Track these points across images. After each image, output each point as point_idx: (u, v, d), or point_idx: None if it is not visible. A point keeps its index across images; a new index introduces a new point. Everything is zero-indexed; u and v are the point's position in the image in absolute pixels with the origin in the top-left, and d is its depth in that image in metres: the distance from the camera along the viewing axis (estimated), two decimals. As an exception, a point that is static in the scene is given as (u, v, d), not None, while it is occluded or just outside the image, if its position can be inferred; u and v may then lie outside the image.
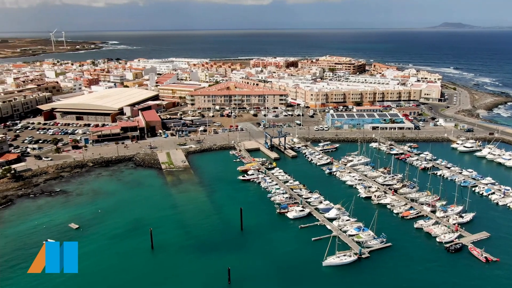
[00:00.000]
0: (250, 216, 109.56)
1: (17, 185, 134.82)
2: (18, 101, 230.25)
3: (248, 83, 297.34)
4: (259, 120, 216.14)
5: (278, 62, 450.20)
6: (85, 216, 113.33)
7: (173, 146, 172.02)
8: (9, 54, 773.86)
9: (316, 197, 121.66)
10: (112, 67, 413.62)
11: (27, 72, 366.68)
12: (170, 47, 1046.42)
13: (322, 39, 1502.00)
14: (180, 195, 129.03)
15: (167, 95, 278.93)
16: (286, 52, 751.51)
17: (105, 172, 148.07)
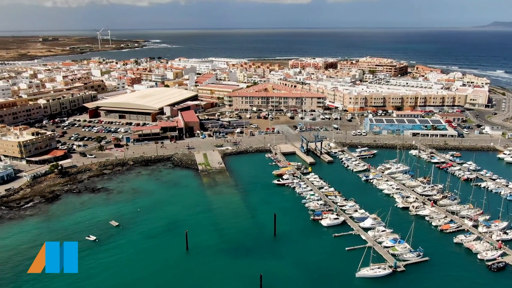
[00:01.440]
0: (284, 222, 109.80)
1: (63, 181, 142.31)
2: (66, 98, 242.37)
3: (286, 84, 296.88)
4: (296, 123, 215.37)
5: (317, 63, 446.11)
6: (124, 214, 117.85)
7: (210, 147, 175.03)
8: (59, 52, 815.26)
9: (352, 205, 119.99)
10: (154, 66, 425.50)
11: (75, 71, 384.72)
12: (209, 46, 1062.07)
13: (362, 39, 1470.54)
14: (215, 196, 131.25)
15: (206, 95, 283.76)
16: (325, 53, 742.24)
17: (145, 171, 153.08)
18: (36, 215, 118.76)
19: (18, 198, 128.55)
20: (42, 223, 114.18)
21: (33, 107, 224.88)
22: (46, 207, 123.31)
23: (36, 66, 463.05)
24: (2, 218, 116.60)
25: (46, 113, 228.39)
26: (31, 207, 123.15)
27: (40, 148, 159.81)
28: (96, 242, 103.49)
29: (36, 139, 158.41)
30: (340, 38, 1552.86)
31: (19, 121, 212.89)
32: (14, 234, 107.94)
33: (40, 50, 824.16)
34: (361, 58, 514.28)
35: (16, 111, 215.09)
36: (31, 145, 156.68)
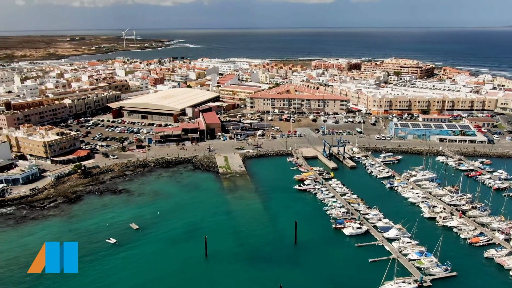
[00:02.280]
0: (305, 229, 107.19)
1: (85, 181, 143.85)
2: (90, 98, 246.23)
3: (308, 86, 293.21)
4: (318, 126, 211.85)
5: (340, 64, 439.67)
6: (145, 217, 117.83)
7: (231, 150, 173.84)
8: (86, 51, 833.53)
9: (375, 214, 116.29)
10: (177, 67, 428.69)
11: (100, 70, 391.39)
12: (231, 46, 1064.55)
13: (387, 39, 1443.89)
14: (235, 201, 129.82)
15: (228, 96, 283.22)
16: (348, 53, 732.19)
17: (165, 173, 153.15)
18: (58, 215, 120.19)
19: (42, 198, 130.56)
20: (64, 224, 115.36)
21: (59, 107, 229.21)
22: (69, 208, 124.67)
23: (63, 65, 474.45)
24: (25, 217, 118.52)
25: (71, 113, 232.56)
26: (54, 207, 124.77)
27: (64, 148, 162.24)
28: (116, 245, 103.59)
29: (60, 139, 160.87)
30: (364, 38, 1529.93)
31: (46, 120, 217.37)
32: (36, 234, 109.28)
33: (67, 50, 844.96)
34: (385, 59, 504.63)
35: (43, 111, 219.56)
36: (56, 145, 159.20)
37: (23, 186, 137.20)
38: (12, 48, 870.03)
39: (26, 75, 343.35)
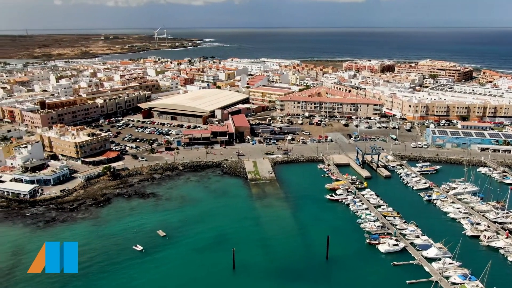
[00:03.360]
0: (337, 243, 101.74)
1: (114, 184, 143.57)
2: (121, 98, 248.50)
3: (340, 89, 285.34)
4: (350, 131, 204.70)
5: (373, 65, 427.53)
6: (172, 224, 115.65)
7: (260, 155, 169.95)
8: (119, 50, 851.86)
9: (413, 230, 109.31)
10: (207, 67, 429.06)
11: (132, 70, 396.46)
12: (260, 46, 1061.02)
13: (419, 39, 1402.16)
14: (264, 209, 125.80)
15: (257, 98, 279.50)
16: (380, 54, 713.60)
17: (194, 177, 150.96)
18: (87, 218, 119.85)
19: (71, 200, 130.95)
20: (92, 228, 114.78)
21: (91, 107, 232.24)
22: (97, 211, 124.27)
23: (97, 64, 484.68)
24: (55, 220, 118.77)
25: (102, 113, 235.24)
26: (83, 210, 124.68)
27: (94, 149, 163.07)
28: (143, 252, 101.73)
29: (91, 140, 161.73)
30: (396, 39, 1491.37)
31: (78, 120, 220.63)
32: (65, 237, 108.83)
33: (101, 48, 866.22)
34: (419, 60, 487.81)
35: (75, 110, 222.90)
36: (87, 146, 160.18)
37: (54, 187, 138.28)
38: (50, 46, 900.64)
39: (61, 74, 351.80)
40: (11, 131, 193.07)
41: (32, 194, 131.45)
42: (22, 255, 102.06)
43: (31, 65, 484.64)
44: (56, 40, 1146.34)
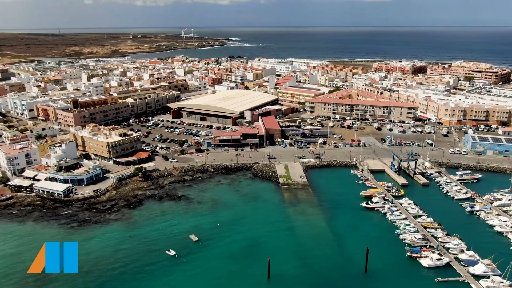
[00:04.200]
0: (375, 255, 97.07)
1: (146, 185, 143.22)
2: (151, 98, 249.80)
3: (371, 91, 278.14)
4: (384, 135, 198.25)
5: (404, 67, 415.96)
6: (204, 228, 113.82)
7: (291, 158, 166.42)
8: (147, 49, 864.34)
9: (456, 244, 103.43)
10: (234, 67, 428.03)
11: (161, 69, 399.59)
12: (287, 46, 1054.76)
13: (450, 39, 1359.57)
14: (297, 216, 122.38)
15: (286, 99, 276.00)
16: (410, 54, 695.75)
17: (224, 180, 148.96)
18: (120, 220, 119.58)
19: (104, 201, 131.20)
20: (124, 229, 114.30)
21: (122, 106, 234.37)
22: (130, 213, 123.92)
23: (126, 63, 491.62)
24: (88, 220, 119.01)
25: (133, 112, 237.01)
26: (116, 211, 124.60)
27: (126, 149, 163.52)
28: (176, 257, 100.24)
29: (123, 140, 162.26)
30: (425, 38, 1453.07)
31: (109, 119, 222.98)
32: (98, 239, 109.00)
33: (130, 47, 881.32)
34: (452, 61, 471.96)
35: (107, 109, 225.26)
36: (119, 146, 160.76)
37: (87, 187, 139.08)
38: (81, 45, 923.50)
39: (93, 73, 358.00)
40: (45, 129, 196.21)
41: (66, 194, 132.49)
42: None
43: (63, 63, 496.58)
44: (87, 39, 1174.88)
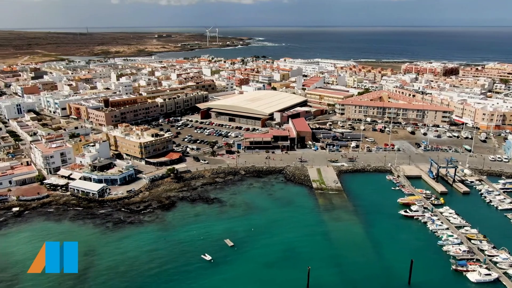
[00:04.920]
0: (417, 266, 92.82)
1: (178, 186, 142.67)
2: (180, 98, 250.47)
3: (403, 93, 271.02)
4: (418, 140, 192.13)
5: (435, 68, 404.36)
6: (238, 233, 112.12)
7: (324, 162, 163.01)
8: (172, 48, 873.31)
9: (505, 258, 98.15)
10: (261, 67, 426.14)
11: (188, 69, 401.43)
12: (311, 46, 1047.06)
13: (479, 39, 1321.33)
14: (333, 223, 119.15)
15: (314, 101, 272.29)
16: (438, 55, 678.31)
17: (256, 184, 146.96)
18: (153, 222, 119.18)
19: (137, 201, 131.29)
20: (158, 232, 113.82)
21: (151, 106, 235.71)
22: (163, 214, 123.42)
23: (153, 63, 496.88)
24: (123, 221, 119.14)
25: (162, 112, 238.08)
26: (149, 213, 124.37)
27: (158, 149, 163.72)
28: (212, 262, 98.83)
29: (155, 141, 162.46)
30: (453, 38, 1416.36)
31: (139, 118, 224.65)
32: (133, 241, 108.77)
33: (155, 46, 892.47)
34: (486, 63, 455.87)
35: (137, 109, 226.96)
36: (151, 146, 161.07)
37: (121, 187, 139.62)
38: (108, 44, 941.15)
39: (121, 72, 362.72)
40: (78, 128, 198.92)
41: (100, 194, 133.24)
42: (94, 255, 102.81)
43: (92, 62, 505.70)
44: (114, 38, 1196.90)
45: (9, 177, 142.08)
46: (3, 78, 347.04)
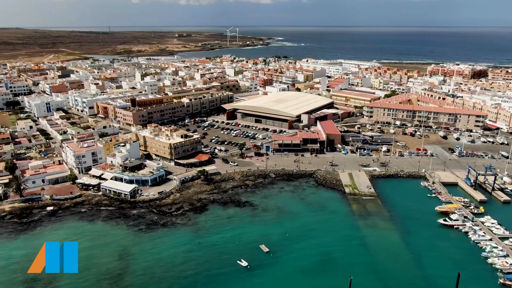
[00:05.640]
0: (463, 278, 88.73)
1: (209, 189, 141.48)
2: (206, 98, 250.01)
3: (432, 96, 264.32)
4: (451, 145, 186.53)
5: (462, 70, 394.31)
6: (273, 238, 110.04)
7: (355, 166, 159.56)
8: (193, 47, 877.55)
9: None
10: (284, 67, 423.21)
11: (211, 69, 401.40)
12: (331, 46, 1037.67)
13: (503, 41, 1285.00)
14: (369, 230, 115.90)
15: (340, 102, 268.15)
16: (464, 57, 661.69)
17: (287, 187, 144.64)
18: (186, 225, 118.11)
19: (169, 203, 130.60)
20: (192, 235, 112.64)
21: (177, 106, 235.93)
22: (195, 217, 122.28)
23: (176, 62, 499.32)
24: (156, 223, 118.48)
25: (188, 112, 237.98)
26: (181, 215, 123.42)
27: (187, 150, 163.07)
28: (248, 268, 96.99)
29: (184, 142, 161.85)
30: (477, 39, 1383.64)
31: (165, 118, 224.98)
32: (168, 244, 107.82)
33: (176, 46, 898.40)
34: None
35: (163, 109, 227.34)
36: (180, 147, 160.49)
37: (152, 188, 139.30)
38: (129, 43, 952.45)
39: (146, 71, 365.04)
40: (106, 127, 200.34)
41: (132, 195, 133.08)
42: (129, 256, 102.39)
43: (116, 61, 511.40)
44: (135, 37, 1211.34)
45: (42, 176, 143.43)
46: (31, 76, 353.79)
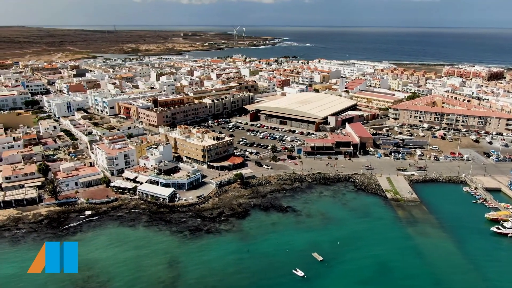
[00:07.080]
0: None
1: (246, 193, 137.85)
2: (228, 99, 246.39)
3: (456, 98, 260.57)
4: (484, 149, 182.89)
5: (479, 72, 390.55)
6: (324, 246, 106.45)
7: (391, 170, 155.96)
8: (199, 47, 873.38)
9: None
10: (298, 68, 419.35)
11: (226, 69, 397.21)
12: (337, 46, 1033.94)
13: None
14: (420, 238, 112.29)
15: (361, 104, 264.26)
16: (474, 58, 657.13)
17: (326, 192, 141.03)
18: (231, 231, 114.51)
19: (209, 208, 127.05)
20: (239, 242, 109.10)
21: (200, 106, 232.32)
22: (239, 223, 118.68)
23: (188, 61, 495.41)
24: (199, 229, 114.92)
25: (210, 113, 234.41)
26: (224, 221, 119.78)
27: (219, 153, 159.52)
28: (305, 278, 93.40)
29: (217, 144, 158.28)
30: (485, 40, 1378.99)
31: (188, 119, 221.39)
32: (217, 252, 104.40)
33: (183, 45, 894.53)
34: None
35: (186, 110, 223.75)
36: (213, 149, 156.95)
37: (189, 192, 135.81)
38: (136, 42, 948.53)
39: (161, 71, 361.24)
40: (130, 128, 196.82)
41: (170, 199, 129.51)
42: (178, 264, 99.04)
43: (128, 61, 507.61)
44: (140, 36, 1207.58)
45: (75, 179, 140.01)
46: (45, 75, 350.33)
